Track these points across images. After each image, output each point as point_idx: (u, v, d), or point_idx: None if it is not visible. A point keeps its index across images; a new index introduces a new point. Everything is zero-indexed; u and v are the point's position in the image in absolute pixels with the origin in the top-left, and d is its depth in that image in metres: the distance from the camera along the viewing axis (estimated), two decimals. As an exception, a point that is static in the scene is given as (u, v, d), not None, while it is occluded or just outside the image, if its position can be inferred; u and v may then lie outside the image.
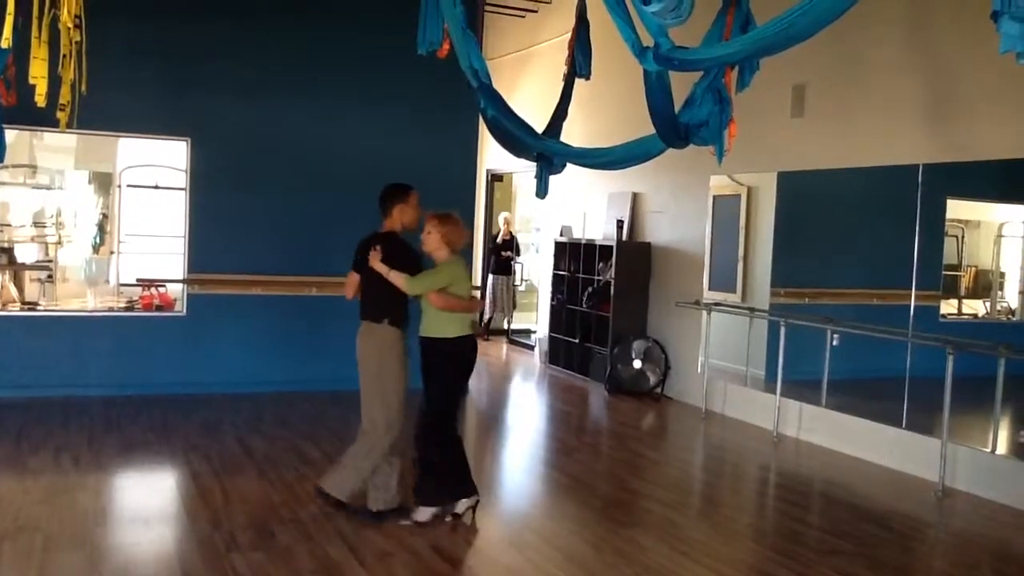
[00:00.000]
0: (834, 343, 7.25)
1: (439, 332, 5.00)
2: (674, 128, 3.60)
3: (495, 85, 5.24)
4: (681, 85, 3.94)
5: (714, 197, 8.71)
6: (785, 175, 7.89)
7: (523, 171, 11.99)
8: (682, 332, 8.99)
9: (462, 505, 5.08)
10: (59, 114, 5.45)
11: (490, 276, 12.53)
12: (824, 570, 4.68)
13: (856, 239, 7.81)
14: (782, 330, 7.50)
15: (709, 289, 8.73)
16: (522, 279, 13.64)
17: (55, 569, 4.23)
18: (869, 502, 6.07)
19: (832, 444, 7.21)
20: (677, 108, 3.81)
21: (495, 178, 13.16)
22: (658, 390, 9.13)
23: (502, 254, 12.61)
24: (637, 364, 9.15)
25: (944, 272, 7.01)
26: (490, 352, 11.89)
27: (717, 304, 8.42)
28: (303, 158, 8.28)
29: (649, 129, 4.13)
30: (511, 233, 12.77)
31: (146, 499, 5.68)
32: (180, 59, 8.00)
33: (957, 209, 7.17)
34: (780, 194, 8.01)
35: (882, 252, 7.57)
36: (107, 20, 5.16)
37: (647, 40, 3.47)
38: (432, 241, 4.98)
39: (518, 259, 12.98)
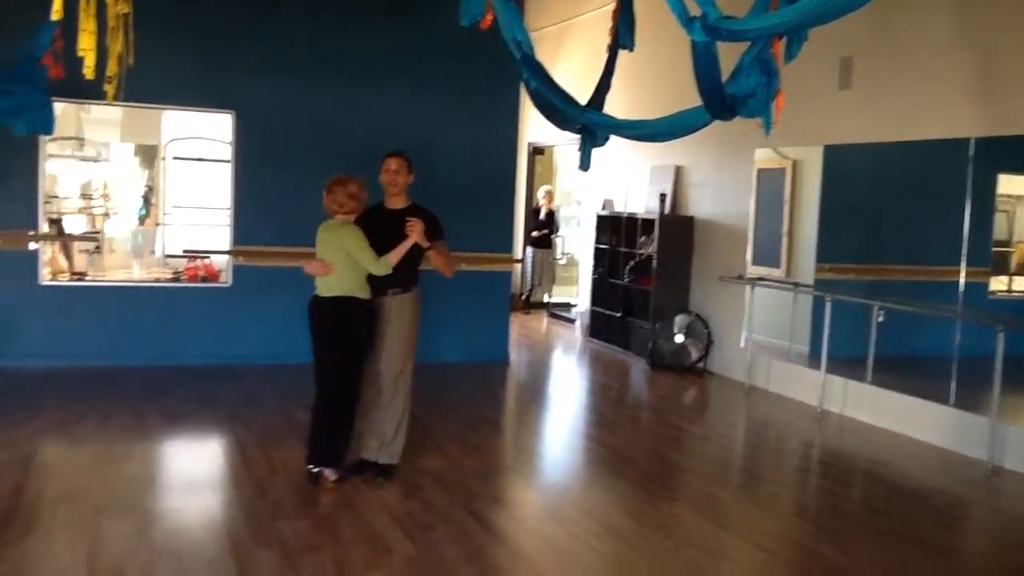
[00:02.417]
0: (880, 319, 7.14)
1: (360, 292, 5.11)
2: (721, 100, 3.55)
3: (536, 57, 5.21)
4: (727, 56, 3.88)
5: (758, 171, 8.60)
6: (832, 148, 7.77)
7: (565, 144, 11.95)
8: (725, 307, 8.93)
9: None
10: (106, 86, 5.50)
11: (529, 249, 12.53)
12: (867, 547, 4.64)
13: (904, 214, 7.68)
14: (827, 306, 7.41)
15: (752, 264, 8.65)
16: (562, 252, 13.64)
17: (107, 534, 4.32)
18: (914, 480, 6.00)
19: (877, 421, 7.13)
20: (724, 79, 3.76)
21: (536, 151, 13.11)
22: (700, 365, 9.08)
23: (541, 230, 12.62)
24: (679, 338, 9.10)
25: (994, 248, 6.87)
26: (530, 325, 11.91)
27: (761, 279, 8.34)
28: (346, 132, 8.30)
29: (693, 101, 4.07)
30: (551, 209, 12.75)
31: (192, 466, 5.78)
32: (224, 34, 8.05)
33: (1008, 184, 7.00)
34: (826, 168, 7.90)
35: (930, 228, 7.42)
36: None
37: (694, 10, 3.41)
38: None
39: (557, 235, 12.98)
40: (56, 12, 4.17)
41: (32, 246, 7.74)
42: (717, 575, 4.30)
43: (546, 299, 13.06)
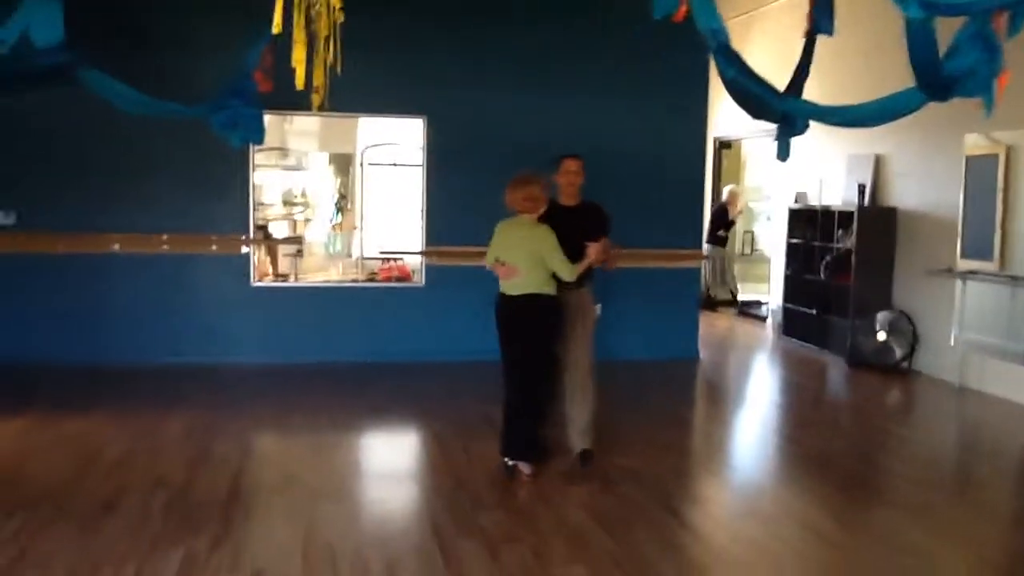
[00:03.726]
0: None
1: (548, 288, 5.20)
2: (938, 80, 3.33)
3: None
4: (942, 33, 3.65)
5: (967, 158, 8.06)
6: (1054, 130, 7.18)
7: (753, 137, 11.63)
8: (931, 303, 8.42)
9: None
10: (313, 96, 5.79)
11: (706, 246, 12.23)
12: (1107, 561, 4.26)
13: None
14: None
15: (962, 257, 8.11)
16: (752, 248, 13.32)
17: (319, 518, 4.54)
18: None
19: (1109, 425, 6.54)
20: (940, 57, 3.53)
21: (723, 145, 12.83)
22: (904, 364, 8.61)
23: (719, 232, 12.40)
24: (881, 336, 8.66)
25: None
26: (717, 324, 11.66)
27: (973, 272, 7.81)
28: (531, 133, 8.37)
29: (896, 83, 3.84)
30: (733, 215, 12.51)
31: (395, 457, 6.02)
32: (417, 41, 8.31)
33: None
34: (1047, 152, 7.31)
35: None
36: (348, 5, 5.43)
37: (909, -15, 3.22)
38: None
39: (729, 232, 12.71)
40: (276, 26, 4.41)
41: (244, 250, 8.27)
42: (934, 584, 4.06)
43: (728, 297, 12.78)
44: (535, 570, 3.99)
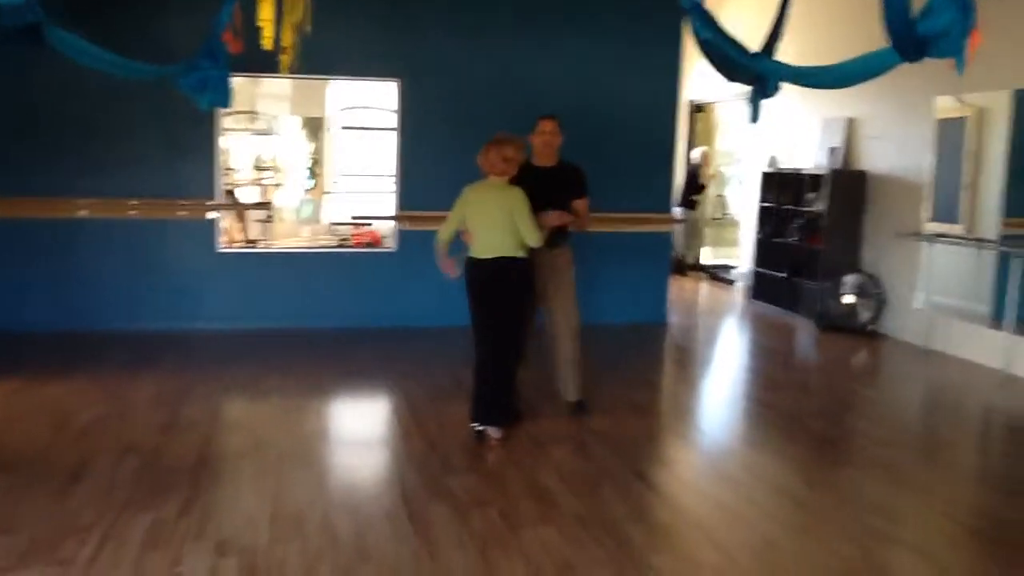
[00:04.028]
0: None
1: (520, 252, 5.22)
2: (912, 40, 3.32)
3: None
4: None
5: (937, 121, 8.09)
6: (1022, 93, 7.21)
7: (726, 100, 11.60)
8: (899, 266, 8.49)
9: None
10: (281, 57, 5.69)
11: (678, 210, 12.23)
12: (1067, 518, 4.34)
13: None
14: (1016, 263, 6.93)
15: (929, 220, 8.17)
16: (723, 212, 13.34)
17: (287, 484, 4.53)
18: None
19: (1072, 386, 6.65)
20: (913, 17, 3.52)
21: (697, 109, 12.80)
22: (871, 326, 8.69)
23: (691, 196, 12.43)
24: (849, 299, 8.73)
25: None
26: (686, 287, 11.71)
27: (940, 235, 7.88)
28: (508, 96, 8.32)
29: (869, 44, 3.83)
30: (704, 179, 12.52)
31: (365, 422, 6.00)
32: (390, 4, 8.19)
33: None
34: (1015, 114, 7.34)
35: None
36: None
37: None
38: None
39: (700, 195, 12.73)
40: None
41: (210, 215, 8.16)
42: (900, 542, 4.11)
43: (693, 261, 12.83)
44: (504, 532, 4.01)
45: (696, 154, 12.51)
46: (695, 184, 12.45)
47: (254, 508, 4.22)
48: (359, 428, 5.89)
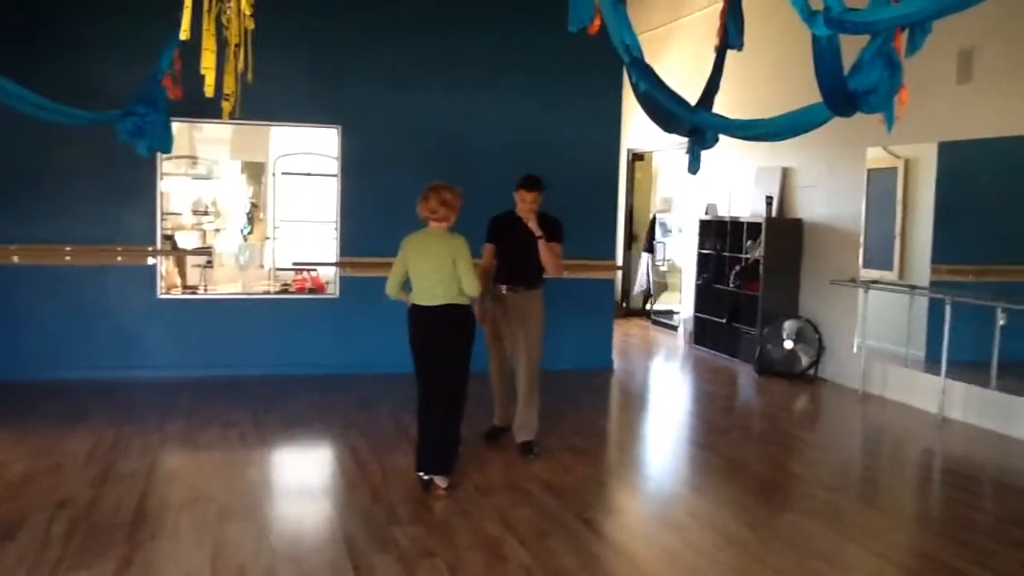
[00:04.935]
0: (1002, 322, 6.84)
1: (462, 299, 5.24)
2: (843, 96, 3.43)
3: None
4: (846, 50, 3.76)
5: (869, 171, 8.34)
6: (947, 145, 7.47)
7: (665, 149, 11.81)
8: (836, 311, 8.68)
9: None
10: (224, 103, 5.67)
11: (645, 255, 12.68)
12: (1009, 562, 4.42)
13: (1026, 212, 7.33)
14: (947, 308, 7.13)
15: (864, 267, 8.39)
16: (663, 259, 13.52)
17: (229, 537, 4.42)
18: (1048, 490, 5.71)
19: (1005, 429, 6.82)
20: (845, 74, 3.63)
21: (636, 157, 13.01)
22: (811, 371, 8.84)
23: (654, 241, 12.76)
24: (788, 344, 8.89)
25: None
26: (632, 333, 11.80)
27: (875, 282, 8.08)
28: (449, 143, 8.39)
29: (802, 99, 3.95)
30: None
31: (309, 473, 5.90)
32: (331, 49, 8.23)
33: None
34: (941, 165, 7.60)
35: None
36: (260, 12, 5.34)
37: (816, 4, 3.31)
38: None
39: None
40: (184, 32, 4.31)
41: (151, 261, 8.03)
42: (843, 587, 4.15)
43: (647, 307, 13.00)
44: (452, 585, 3.96)
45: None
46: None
47: (195, 564, 4.11)
48: (302, 478, 5.78)
